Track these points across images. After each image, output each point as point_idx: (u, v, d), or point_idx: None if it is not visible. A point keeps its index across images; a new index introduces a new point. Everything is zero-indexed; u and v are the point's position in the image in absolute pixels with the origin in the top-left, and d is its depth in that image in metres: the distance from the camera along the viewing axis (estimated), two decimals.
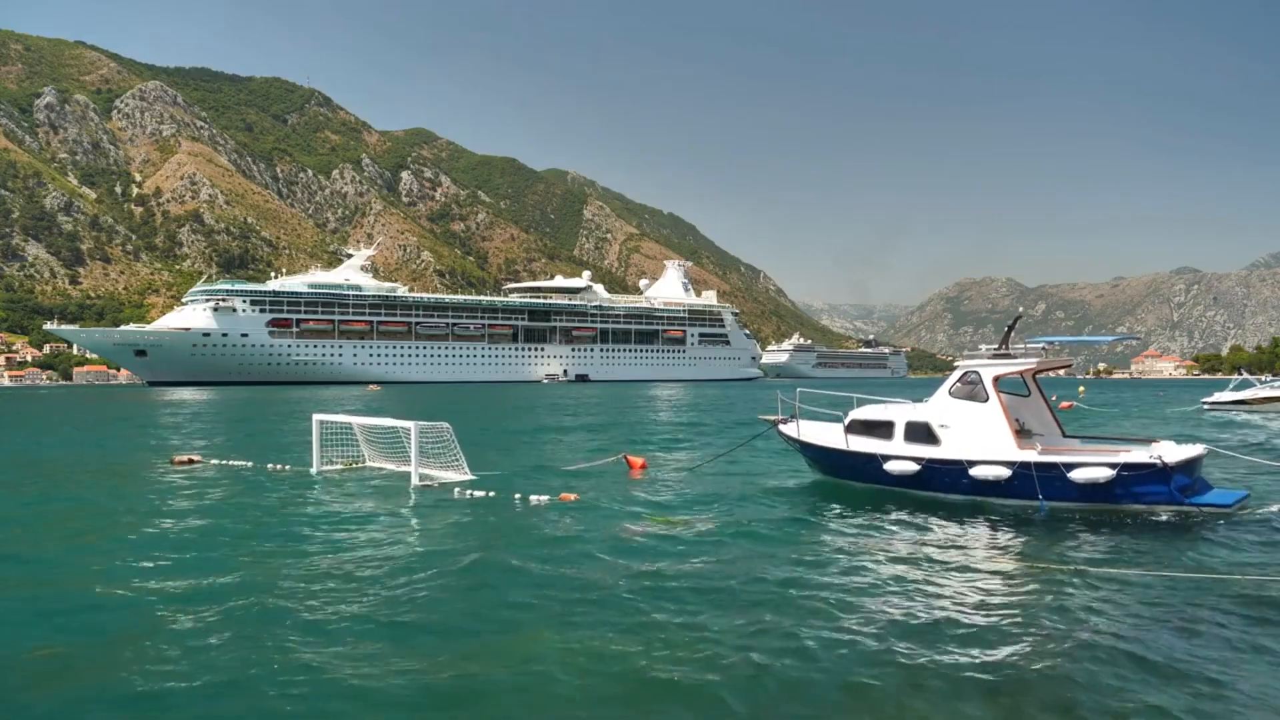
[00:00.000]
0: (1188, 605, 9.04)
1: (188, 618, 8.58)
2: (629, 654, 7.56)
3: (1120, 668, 7.24)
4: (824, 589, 9.67)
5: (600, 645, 7.79)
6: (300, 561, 11.01)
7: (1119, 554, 11.41)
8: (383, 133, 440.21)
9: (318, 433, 20.40)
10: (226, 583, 9.94)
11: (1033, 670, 7.21)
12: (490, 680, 7.01)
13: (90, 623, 8.49)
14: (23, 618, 8.63)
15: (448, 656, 7.52)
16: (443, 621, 8.50)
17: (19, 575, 10.40)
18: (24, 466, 22.31)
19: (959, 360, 16.31)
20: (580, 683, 6.93)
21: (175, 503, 15.84)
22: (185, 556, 11.34)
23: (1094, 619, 8.58)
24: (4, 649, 7.70)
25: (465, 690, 6.82)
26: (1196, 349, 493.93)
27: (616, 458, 21.87)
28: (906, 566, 10.77)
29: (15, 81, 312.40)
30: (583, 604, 9.08)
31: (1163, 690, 6.79)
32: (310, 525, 13.54)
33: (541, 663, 7.37)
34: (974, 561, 11.08)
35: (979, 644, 7.83)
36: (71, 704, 6.58)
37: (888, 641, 7.88)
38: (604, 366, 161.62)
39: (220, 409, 55.09)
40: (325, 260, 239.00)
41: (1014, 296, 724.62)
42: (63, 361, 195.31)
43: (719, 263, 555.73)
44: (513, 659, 7.46)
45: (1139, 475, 13.70)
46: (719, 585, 9.84)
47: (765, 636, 8.02)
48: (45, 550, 11.82)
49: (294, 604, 9.04)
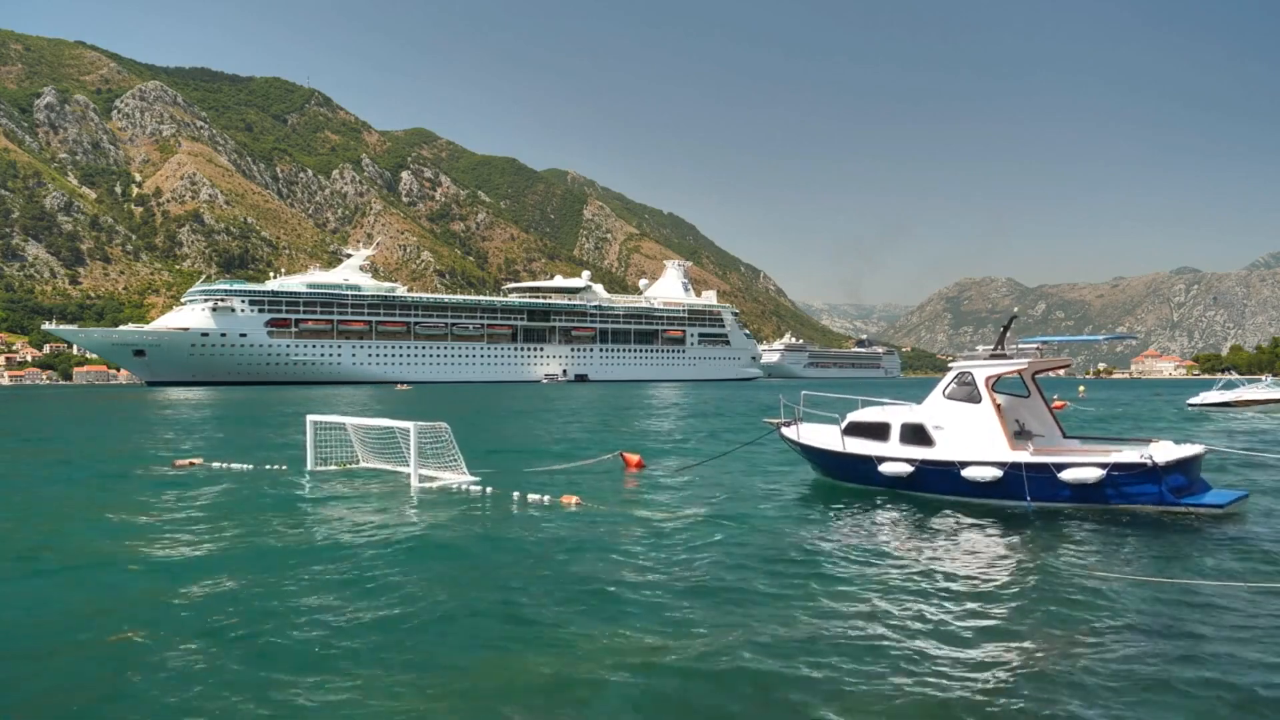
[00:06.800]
0: (1180, 606, 9.06)
1: (187, 618, 8.64)
2: (630, 654, 7.59)
3: (1112, 669, 7.25)
4: (820, 588, 9.70)
5: (600, 645, 7.82)
6: (299, 562, 11.02)
7: (1108, 555, 11.42)
8: (383, 133, 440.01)
9: (311, 433, 20.43)
10: (226, 582, 10.00)
11: (1025, 672, 7.23)
12: (490, 681, 7.05)
13: (86, 622, 8.54)
14: (20, 618, 8.70)
15: (447, 657, 7.55)
16: (442, 622, 8.53)
17: (17, 574, 10.47)
18: (22, 466, 22.38)
19: (954, 361, 16.37)
20: (581, 683, 6.96)
21: (174, 504, 15.88)
22: (183, 556, 11.39)
23: (1087, 619, 8.60)
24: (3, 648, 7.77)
25: (467, 690, 6.85)
26: (1196, 349, 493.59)
27: (613, 455, 21.93)
28: (901, 567, 10.80)
29: (15, 81, 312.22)
30: (583, 604, 9.12)
31: (1156, 692, 6.81)
32: (311, 527, 13.58)
33: (541, 662, 7.39)
34: (968, 563, 11.10)
35: (973, 642, 7.86)
36: (63, 704, 6.65)
37: (882, 641, 7.91)
38: (603, 366, 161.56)
39: (219, 409, 55.12)
40: (325, 260, 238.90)
41: (1014, 296, 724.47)
42: (63, 361, 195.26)
43: (719, 263, 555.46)
44: (512, 659, 7.50)
45: (1129, 475, 13.73)
46: (716, 585, 9.87)
47: (762, 636, 8.04)
48: (43, 550, 11.88)
49: (292, 605, 9.07)
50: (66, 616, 8.70)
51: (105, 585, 9.95)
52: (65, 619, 8.62)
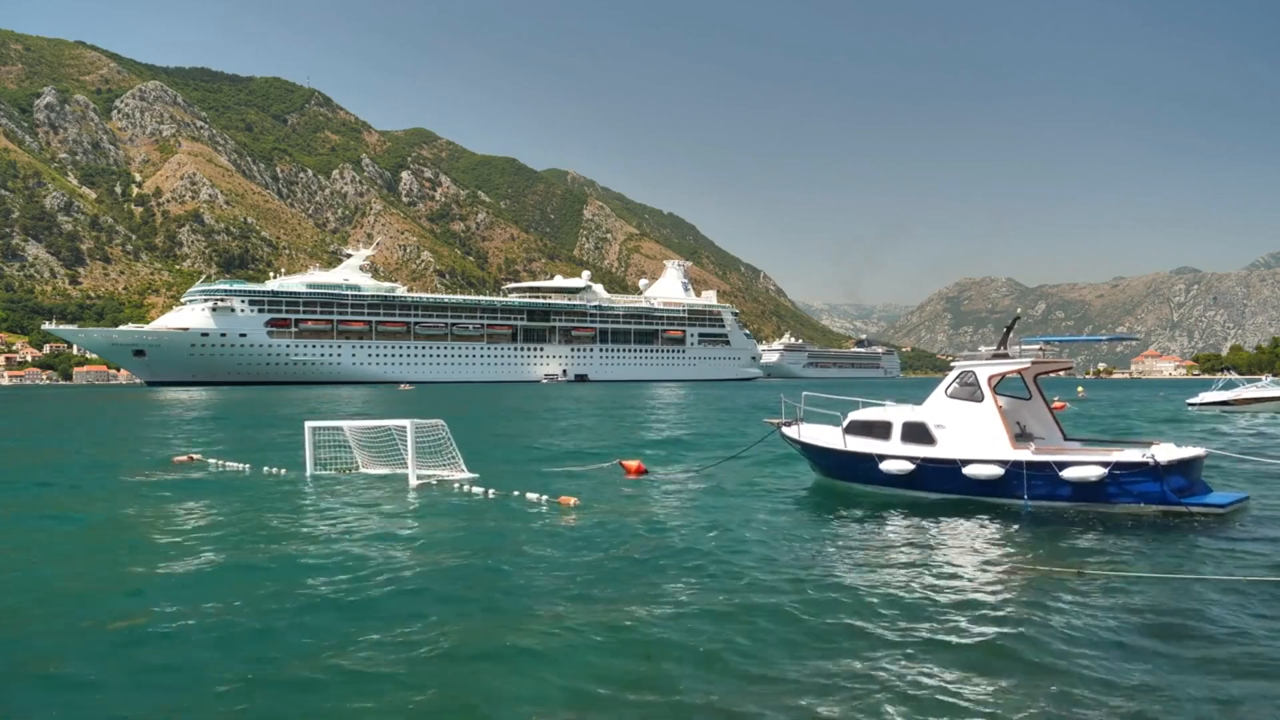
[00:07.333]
0: (1181, 605, 9.02)
1: (183, 619, 8.58)
2: (629, 654, 7.56)
3: (1112, 668, 7.22)
4: (820, 588, 9.67)
5: (599, 645, 7.78)
6: (293, 562, 10.99)
7: (1111, 554, 11.39)
8: (383, 133, 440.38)
9: (310, 440, 20.19)
10: (219, 581, 9.95)
11: (1025, 670, 7.19)
12: (488, 682, 7.00)
13: (80, 623, 8.48)
14: (16, 618, 8.64)
15: (443, 657, 7.51)
16: (441, 623, 8.48)
17: (13, 577, 10.40)
18: (18, 466, 22.31)
19: (956, 361, 16.35)
20: (580, 683, 6.92)
21: (171, 504, 15.84)
22: (180, 558, 11.33)
23: (1087, 619, 8.56)
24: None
25: (463, 691, 6.80)
26: (1196, 349, 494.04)
27: (612, 464, 21.59)
28: (901, 567, 10.76)
29: (15, 81, 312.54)
30: (582, 604, 9.07)
31: (1154, 691, 6.77)
32: (309, 527, 13.53)
33: (540, 663, 7.36)
34: (969, 561, 11.06)
35: (972, 642, 7.81)
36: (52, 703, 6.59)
37: (880, 639, 7.87)
38: (603, 366, 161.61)
39: (218, 409, 55.10)
40: (325, 260, 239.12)
41: (1014, 296, 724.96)
42: (63, 361, 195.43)
43: (719, 263, 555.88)
44: (512, 659, 7.46)
45: (1131, 474, 13.70)
46: (716, 585, 9.84)
47: (762, 636, 8.01)
48: (39, 549, 11.82)
49: (286, 605, 9.03)
50: (63, 611, 8.65)
51: (103, 584, 9.89)
52: (61, 613, 8.56)
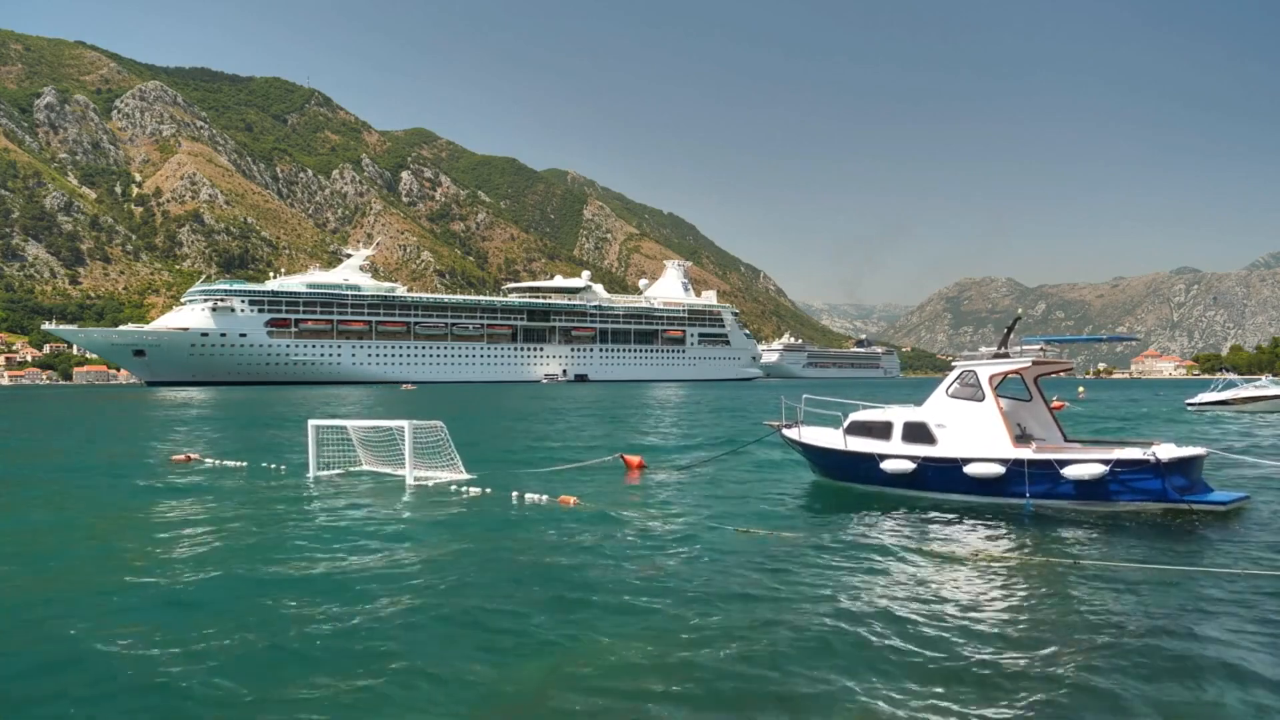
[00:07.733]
0: (1182, 602, 8.99)
1: (183, 620, 8.54)
2: (628, 655, 7.51)
3: (1116, 665, 7.18)
4: (820, 588, 9.62)
5: (598, 645, 7.74)
6: (298, 564, 10.95)
7: (1114, 551, 11.36)
8: (383, 133, 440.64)
9: (313, 438, 20.13)
10: (216, 581, 9.91)
11: (1025, 669, 7.15)
12: (485, 682, 6.95)
13: (77, 621, 8.43)
14: (12, 619, 8.59)
15: (441, 658, 7.46)
16: (435, 623, 8.44)
17: (12, 576, 10.35)
18: (19, 465, 22.27)
19: (956, 360, 16.32)
20: (579, 684, 6.87)
21: (170, 505, 15.79)
22: (177, 558, 11.29)
23: (1091, 616, 8.53)
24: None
25: (461, 692, 6.76)
26: (1196, 349, 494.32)
27: (613, 457, 21.80)
28: (901, 566, 10.71)
29: (15, 81, 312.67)
30: (582, 604, 9.02)
31: (1159, 688, 6.73)
32: (307, 527, 13.48)
33: (539, 663, 7.31)
34: (969, 560, 11.02)
35: (975, 641, 7.77)
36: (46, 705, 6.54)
37: (880, 638, 7.82)
38: (603, 366, 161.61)
39: (218, 409, 55.07)
40: (325, 260, 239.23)
41: (1014, 296, 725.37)
42: (63, 361, 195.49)
43: (719, 263, 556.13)
44: (509, 660, 7.41)
45: (1133, 472, 13.66)
46: (715, 585, 9.79)
47: (762, 636, 7.96)
48: (35, 550, 11.78)
49: (289, 607, 8.99)
50: (60, 607, 8.60)
51: (100, 583, 9.84)
52: (57, 610, 8.52)
